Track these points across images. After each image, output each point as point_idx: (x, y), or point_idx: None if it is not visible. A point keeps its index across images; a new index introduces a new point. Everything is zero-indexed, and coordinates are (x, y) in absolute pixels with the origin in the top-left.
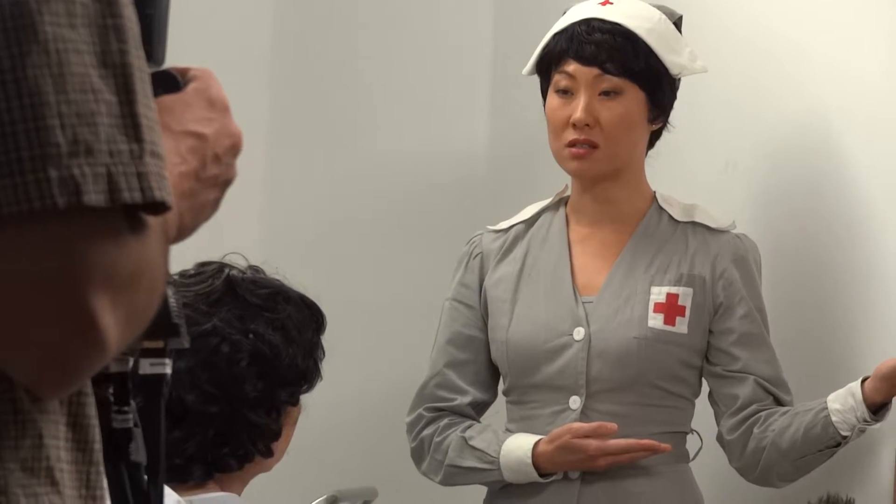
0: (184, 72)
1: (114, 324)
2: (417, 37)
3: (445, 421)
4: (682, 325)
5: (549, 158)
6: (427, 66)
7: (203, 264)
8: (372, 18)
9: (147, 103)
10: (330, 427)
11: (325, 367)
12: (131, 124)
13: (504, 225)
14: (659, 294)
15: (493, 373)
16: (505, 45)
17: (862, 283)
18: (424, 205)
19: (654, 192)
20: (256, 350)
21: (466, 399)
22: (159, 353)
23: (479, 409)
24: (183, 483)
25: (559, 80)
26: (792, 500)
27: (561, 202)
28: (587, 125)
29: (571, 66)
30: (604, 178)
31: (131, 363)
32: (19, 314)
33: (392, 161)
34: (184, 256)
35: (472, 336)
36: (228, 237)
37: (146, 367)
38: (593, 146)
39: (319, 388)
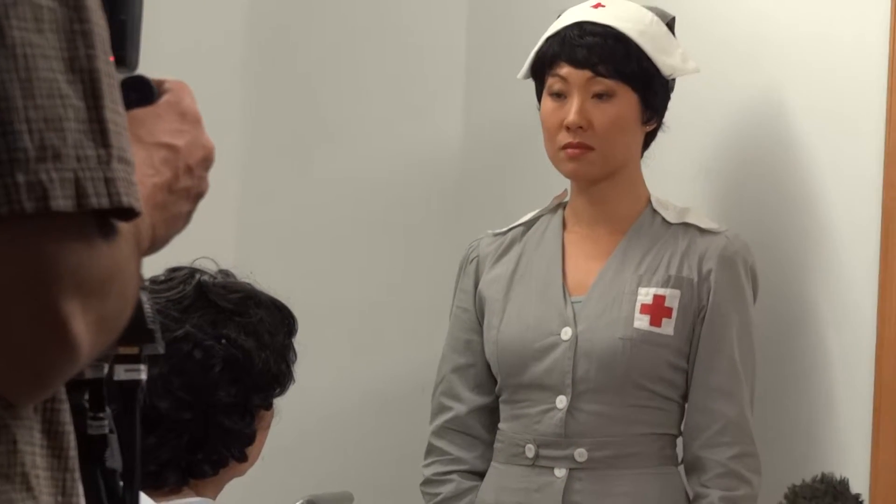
0: (158, 84)
1: (85, 329)
2: (390, 40)
3: (445, 492)
4: (668, 327)
5: (521, 159)
6: (400, 68)
7: (173, 270)
8: (344, 24)
9: (115, 109)
10: (304, 431)
11: (298, 370)
12: (99, 129)
13: (503, 228)
14: (646, 295)
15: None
16: (478, 47)
17: (833, 285)
18: (397, 207)
19: (650, 195)
20: (229, 355)
21: (464, 408)
22: (134, 360)
23: (482, 414)
24: (158, 489)
25: (552, 83)
26: (784, 481)
27: (560, 206)
28: (581, 128)
29: (564, 70)
30: (599, 179)
31: (106, 369)
32: None
33: (364, 165)
34: (155, 261)
35: (470, 339)
36: (202, 242)
37: (121, 373)
38: (588, 148)
39: (292, 392)
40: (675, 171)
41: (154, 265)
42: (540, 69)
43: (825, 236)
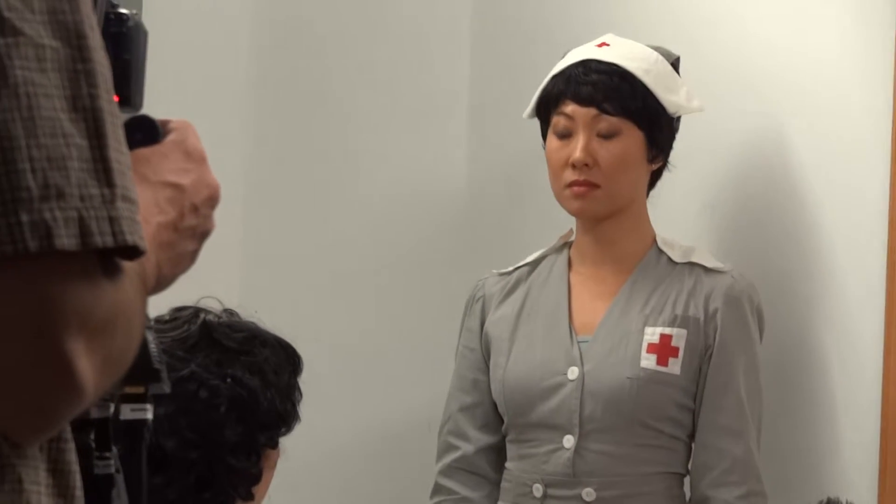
0: (163, 123)
1: (90, 368)
2: (394, 79)
3: None
4: (674, 366)
5: (526, 198)
6: (404, 107)
7: (178, 309)
8: (347, 62)
9: (119, 148)
10: (310, 470)
11: (304, 409)
12: (102, 168)
13: (509, 268)
14: (653, 335)
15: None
16: (481, 86)
17: (837, 320)
18: (402, 246)
19: (655, 234)
20: (235, 394)
21: (471, 448)
22: (140, 399)
23: (489, 453)
24: None
25: (558, 121)
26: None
27: (566, 245)
28: (586, 165)
29: (569, 108)
30: (605, 217)
31: (112, 409)
32: None
33: (369, 204)
34: (160, 301)
35: (477, 379)
36: (206, 281)
37: (127, 412)
38: (593, 186)
39: (298, 431)
40: (678, 207)
41: (158, 305)
42: (545, 108)
43: (829, 271)
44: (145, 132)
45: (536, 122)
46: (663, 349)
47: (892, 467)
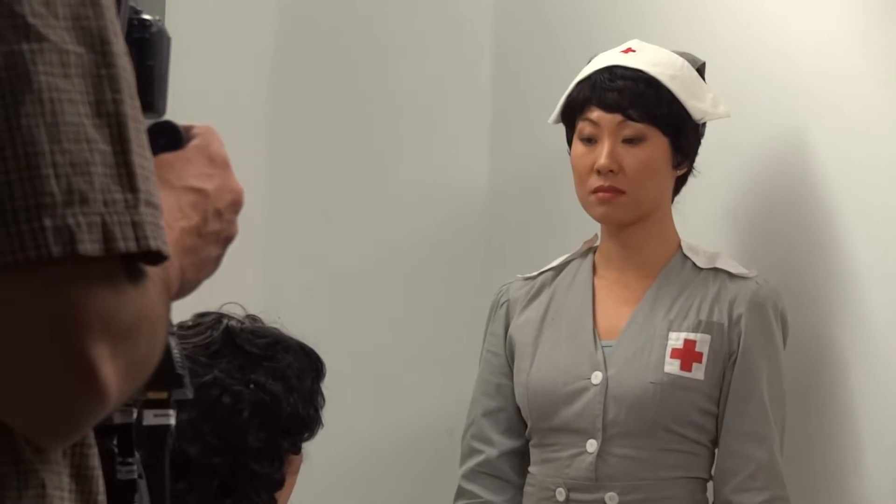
0: (186, 129)
1: (114, 373)
2: (416, 86)
3: None
4: (698, 372)
5: (550, 204)
6: (426, 115)
7: (201, 315)
8: (369, 70)
9: (142, 153)
10: (333, 475)
11: (327, 414)
12: (126, 174)
13: (533, 273)
14: (677, 340)
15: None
16: (503, 93)
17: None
18: (426, 252)
19: (680, 240)
20: (257, 400)
21: (495, 452)
22: (163, 404)
23: (512, 458)
24: None
25: (583, 127)
26: None
27: (590, 250)
28: (611, 171)
29: (595, 114)
30: (630, 223)
31: (135, 414)
32: (18, 364)
33: (393, 210)
34: (183, 307)
35: (501, 383)
36: (229, 287)
37: (150, 418)
38: (619, 192)
39: (321, 436)
40: (702, 214)
41: (181, 311)
42: (570, 113)
43: (854, 278)
44: (169, 138)
45: (557, 129)
46: (687, 354)
47: None
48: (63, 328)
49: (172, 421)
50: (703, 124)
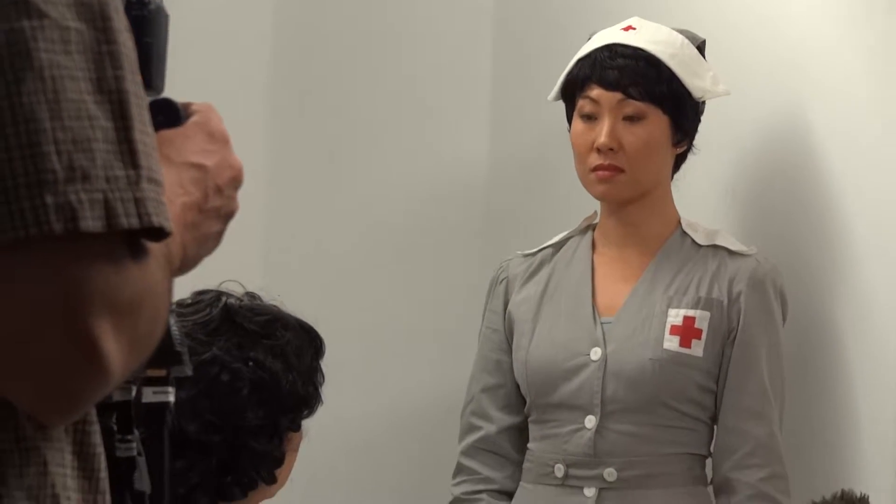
0: (185, 106)
1: (116, 349)
2: (416, 63)
3: None
4: (697, 348)
5: (549, 181)
6: (426, 92)
7: (200, 293)
8: (369, 47)
9: (144, 129)
10: (332, 452)
11: (326, 391)
12: (128, 150)
13: (533, 249)
14: (676, 316)
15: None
16: (503, 70)
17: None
18: (424, 229)
19: (679, 217)
20: (256, 378)
21: (494, 428)
22: (162, 382)
23: (511, 434)
24: None
25: (583, 105)
26: (807, 498)
27: (589, 227)
28: (611, 149)
29: (595, 92)
30: (629, 201)
31: (134, 392)
32: (20, 341)
33: (392, 187)
34: (182, 284)
35: (500, 360)
36: (228, 265)
37: (149, 395)
38: (618, 170)
39: (320, 413)
40: (701, 191)
41: (180, 288)
42: (570, 91)
43: (850, 256)
44: (167, 115)
45: (557, 106)
46: (686, 331)
47: None
48: (65, 305)
49: (171, 398)
50: (703, 102)
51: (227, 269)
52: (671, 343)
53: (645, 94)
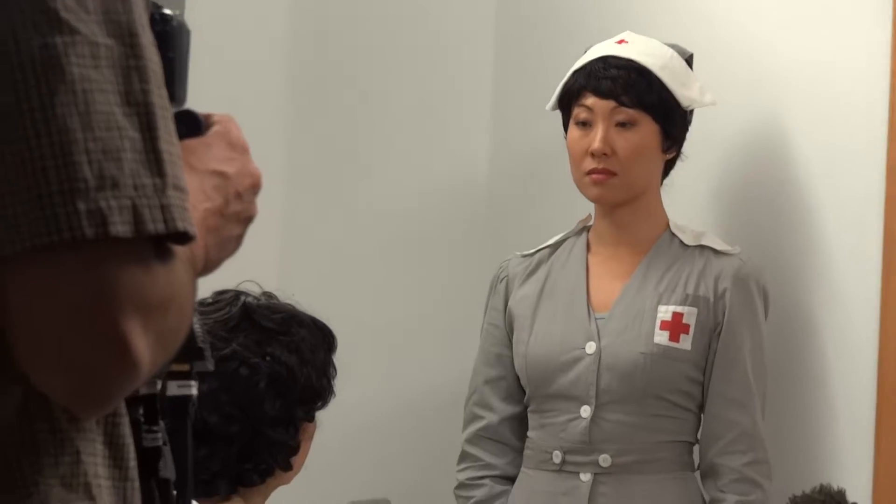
0: (206, 117)
1: (146, 346)
2: (420, 73)
3: (478, 496)
4: (685, 342)
5: (546, 186)
6: (430, 101)
7: (220, 293)
8: (376, 57)
9: (169, 139)
10: (344, 441)
11: (338, 384)
12: (154, 160)
13: (531, 250)
14: (665, 312)
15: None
16: (504, 79)
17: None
18: (430, 232)
19: (668, 220)
20: (273, 372)
21: (496, 417)
22: (186, 376)
23: (512, 423)
24: (209, 497)
25: (578, 112)
26: (787, 492)
27: (584, 229)
28: (605, 154)
29: (590, 100)
30: (621, 204)
31: (159, 385)
32: (56, 339)
33: (399, 192)
34: (203, 285)
35: (501, 354)
36: (246, 266)
37: (174, 388)
38: (611, 174)
39: (333, 405)
40: (689, 195)
41: (202, 288)
42: (567, 100)
43: (828, 254)
44: (189, 125)
45: (555, 116)
46: (675, 326)
47: (886, 451)
48: (98, 305)
49: (194, 391)
50: (691, 111)
51: (246, 270)
52: (661, 337)
53: (636, 102)
